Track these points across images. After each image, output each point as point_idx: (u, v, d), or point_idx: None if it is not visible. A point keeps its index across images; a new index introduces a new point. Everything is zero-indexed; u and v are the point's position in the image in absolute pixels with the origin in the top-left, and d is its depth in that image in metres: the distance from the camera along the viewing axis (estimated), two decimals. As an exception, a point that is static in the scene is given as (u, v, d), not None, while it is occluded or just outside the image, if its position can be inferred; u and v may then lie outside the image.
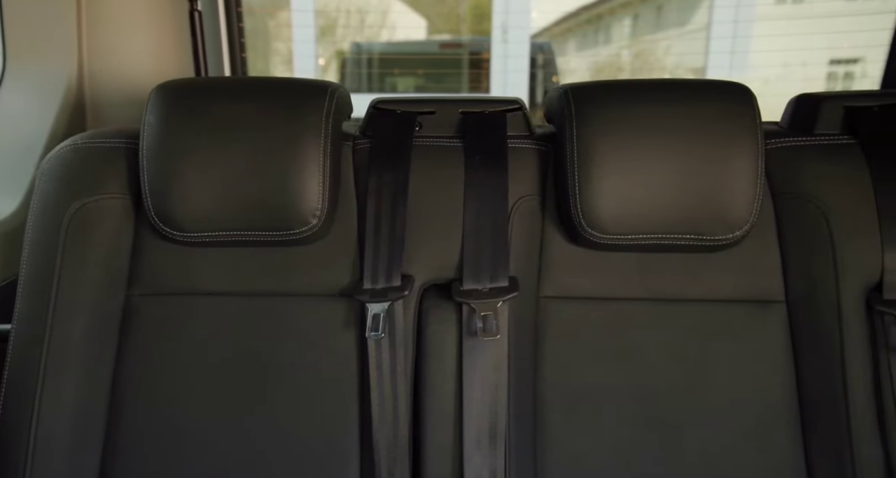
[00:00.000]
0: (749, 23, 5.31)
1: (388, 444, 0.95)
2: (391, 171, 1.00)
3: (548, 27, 8.79)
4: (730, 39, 5.28)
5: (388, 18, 7.16)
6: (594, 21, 8.08)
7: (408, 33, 7.20)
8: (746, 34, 5.33)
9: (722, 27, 5.35)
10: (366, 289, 0.96)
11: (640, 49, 7.00)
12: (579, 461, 1.00)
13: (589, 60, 7.97)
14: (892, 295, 0.95)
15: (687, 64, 6.20)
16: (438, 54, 5.21)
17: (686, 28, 6.53)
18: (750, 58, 5.64)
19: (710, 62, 5.61)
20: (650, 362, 1.01)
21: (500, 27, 4.98)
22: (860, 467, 0.94)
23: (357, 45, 5.18)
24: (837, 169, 1.00)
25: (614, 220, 0.97)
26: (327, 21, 7.04)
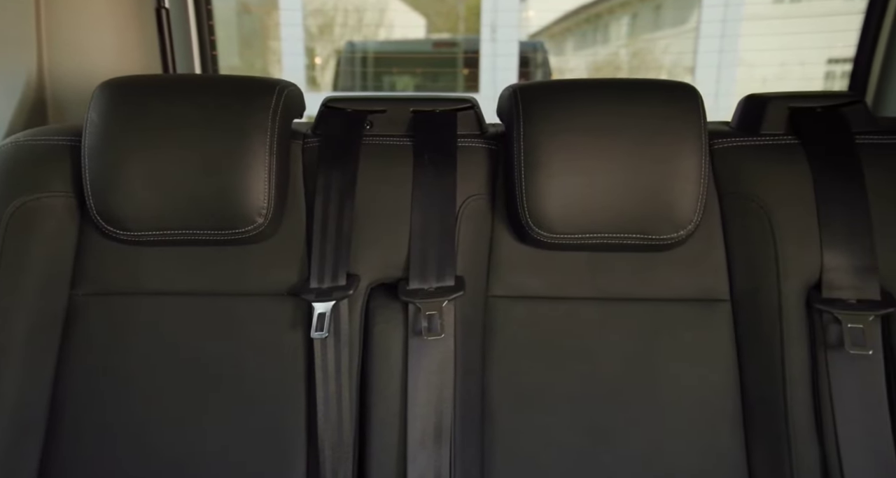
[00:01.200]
0: (737, 22, 5.30)
1: (332, 444, 0.95)
2: (339, 169, 1.00)
3: (547, 26, 8.77)
4: (718, 38, 5.26)
5: (387, 17, 7.16)
6: (593, 20, 8.06)
7: (405, 32, 7.19)
8: (735, 33, 5.32)
9: (711, 26, 5.34)
10: (312, 288, 0.96)
11: (637, 48, 6.98)
12: (526, 462, 1.00)
13: (588, 60, 7.95)
14: (830, 293, 0.95)
15: (685, 63, 6.18)
16: (432, 53, 5.21)
17: (684, 27, 6.51)
18: (741, 57, 5.62)
19: (699, 61, 5.60)
20: (598, 361, 1.02)
21: (489, 26, 4.97)
22: (797, 465, 0.94)
23: (351, 44, 5.18)
24: (780, 169, 1.01)
25: (561, 219, 0.97)
26: (325, 20, 7.04)
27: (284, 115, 0.98)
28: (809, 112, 1.03)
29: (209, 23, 1.60)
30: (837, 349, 0.94)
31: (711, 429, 0.99)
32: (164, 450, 0.97)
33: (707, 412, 0.99)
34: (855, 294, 0.94)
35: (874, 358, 0.93)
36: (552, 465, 1.00)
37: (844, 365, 0.94)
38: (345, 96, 1.08)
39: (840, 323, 0.93)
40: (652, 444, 0.99)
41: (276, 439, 0.97)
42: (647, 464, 0.99)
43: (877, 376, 0.93)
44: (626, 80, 1.02)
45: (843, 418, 0.93)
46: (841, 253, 0.96)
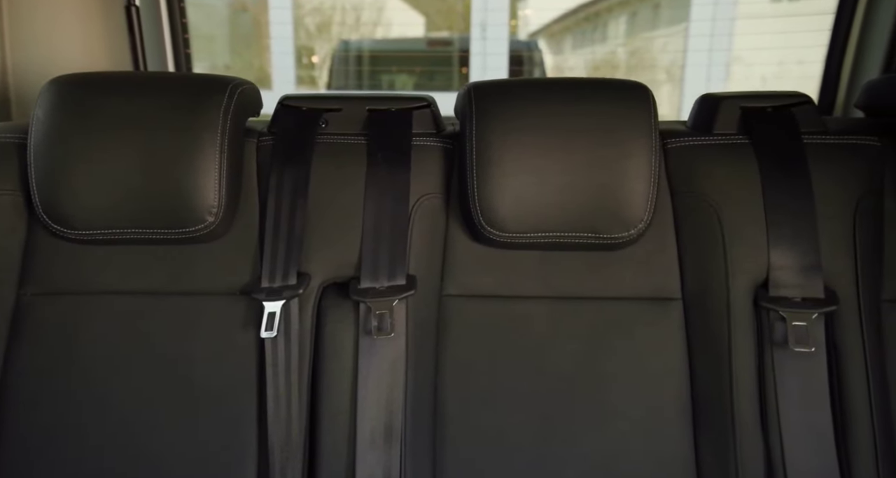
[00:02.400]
0: (727, 21, 5.28)
1: (281, 443, 0.95)
2: (292, 168, 1.01)
3: (547, 25, 8.77)
4: (708, 37, 5.25)
5: (385, 15, 7.16)
6: (592, 19, 8.05)
7: (403, 31, 7.20)
8: (725, 32, 5.30)
9: (700, 25, 5.33)
10: (263, 287, 0.97)
11: (635, 47, 6.97)
12: (478, 460, 1.00)
13: (586, 58, 7.94)
14: (777, 292, 0.95)
15: (681, 61, 6.16)
16: (426, 52, 5.20)
17: (682, 26, 6.50)
18: (739, 56, 5.60)
19: (689, 60, 5.59)
20: (550, 359, 1.02)
21: (479, 25, 4.97)
22: (742, 461, 0.95)
23: (344, 43, 5.18)
24: (731, 168, 1.01)
25: (512, 218, 0.97)
26: (323, 18, 7.05)
27: (237, 113, 0.98)
28: (760, 112, 1.03)
29: (182, 21, 1.60)
30: (782, 347, 0.94)
31: (661, 426, 0.99)
32: (114, 451, 0.97)
33: (657, 410, 1.00)
34: (800, 292, 0.95)
35: (817, 355, 0.94)
36: (503, 463, 1.00)
37: (789, 362, 0.94)
38: (301, 95, 1.08)
39: (785, 321, 0.93)
40: (602, 441, 1.00)
41: (227, 439, 0.98)
42: (597, 461, 0.99)
43: (819, 373, 0.94)
44: (579, 80, 1.03)
45: (787, 415, 0.93)
46: (787, 252, 0.96)
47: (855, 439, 0.94)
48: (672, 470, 0.99)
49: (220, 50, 7.11)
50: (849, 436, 0.94)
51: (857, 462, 0.93)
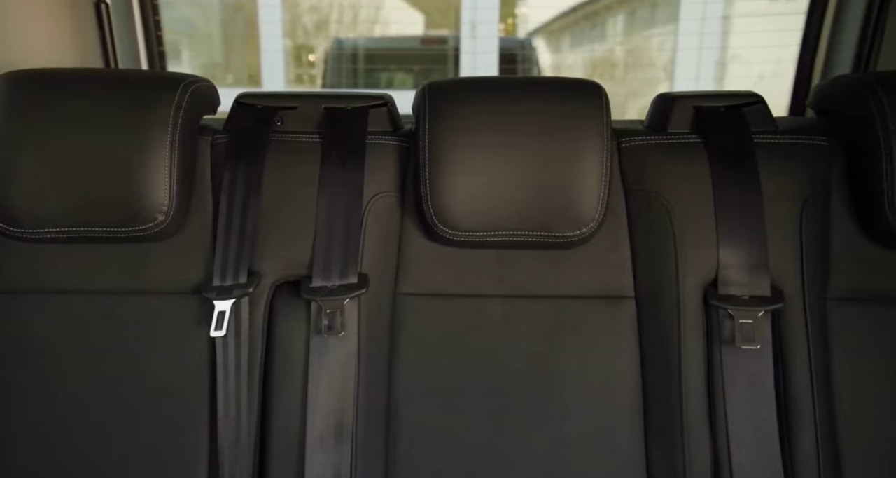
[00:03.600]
0: (716, 19, 5.28)
1: (230, 442, 0.96)
2: (245, 166, 1.01)
3: (547, 23, 8.76)
4: (698, 36, 5.25)
5: (382, 14, 7.16)
6: (591, 17, 8.04)
7: (401, 29, 7.19)
8: (715, 31, 5.30)
9: (690, 24, 5.32)
10: (214, 286, 0.97)
11: (634, 45, 6.96)
12: (431, 458, 1.01)
13: (585, 57, 7.94)
14: (726, 290, 0.96)
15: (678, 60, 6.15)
16: (421, 50, 5.20)
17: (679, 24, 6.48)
18: (737, 54, 5.60)
19: (679, 59, 5.58)
20: (503, 357, 1.02)
21: (469, 23, 4.97)
22: (690, 457, 0.95)
23: (338, 41, 5.18)
24: (683, 167, 1.01)
25: (465, 216, 0.97)
26: (320, 17, 7.05)
27: (190, 111, 0.98)
28: (713, 112, 1.03)
29: (155, 18, 1.61)
30: (730, 345, 0.95)
31: (613, 424, 1.00)
32: (66, 450, 0.97)
33: (610, 408, 1.00)
34: (747, 291, 0.95)
35: (763, 353, 0.95)
36: (456, 461, 1.00)
37: (736, 360, 0.95)
38: (258, 93, 1.08)
39: (733, 319, 0.94)
40: (555, 439, 1.00)
41: (178, 438, 0.98)
42: (549, 459, 1.00)
43: (765, 371, 0.94)
44: (534, 79, 1.03)
45: (734, 413, 0.94)
46: (735, 251, 0.97)
47: (798, 435, 0.94)
48: (622, 467, 0.99)
49: (219, 48, 7.13)
50: (792, 432, 0.95)
51: (799, 458, 0.94)
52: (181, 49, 7.29)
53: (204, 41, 7.19)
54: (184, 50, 7.27)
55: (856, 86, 0.98)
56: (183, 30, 7.18)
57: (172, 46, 7.47)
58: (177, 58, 7.34)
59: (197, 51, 7.29)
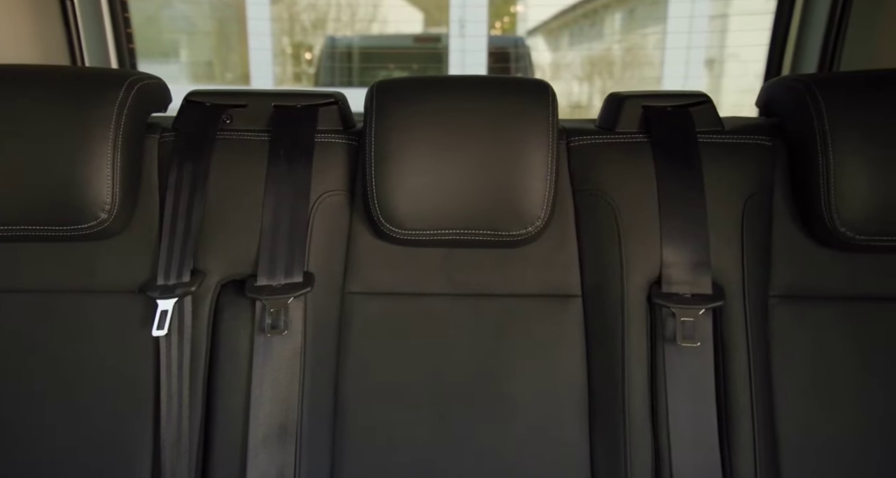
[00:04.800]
0: (704, 17, 5.26)
1: (172, 442, 0.96)
2: (191, 164, 1.01)
3: (546, 21, 8.72)
4: (686, 34, 5.23)
5: (381, 12, 7.13)
6: (590, 15, 8.01)
7: (399, 27, 7.17)
8: (702, 30, 5.28)
9: (678, 22, 5.31)
10: (158, 285, 0.97)
11: (632, 44, 6.93)
12: (378, 457, 1.01)
13: (583, 55, 7.91)
14: (669, 288, 0.97)
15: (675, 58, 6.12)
16: (414, 48, 5.19)
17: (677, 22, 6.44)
18: (735, 53, 5.57)
19: (667, 58, 5.57)
20: (451, 356, 1.02)
21: (458, 21, 4.96)
22: (632, 455, 0.96)
23: (331, 39, 5.17)
24: (629, 166, 1.01)
25: (411, 215, 0.98)
26: (318, 15, 7.04)
27: (135, 109, 0.98)
28: (661, 111, 1.04)
29: (125, 15, 1.61)
30: (672, 342, 0.95)
31: (559, 421, 1.00)
32: (9, 450, 0.98)
33: (555, 406, 1.01)
34: (689, 289, 0.96)
35: (704, 351, 0.95)
36: (403, 460, 1.01)
37: (678, 358, 0.95)
38: (208, 90, 1.08)
39: (675, 317, 0.94)
40: (501, 438, 1.00)
41: (122, 437, 0.98)
42: (495, 457, 1.00)
43: (706, 369, 0.95)
44: (482, 78, 1.03)
45: (675, 410, 0.95)
46: (678, 249, 0.97)
47: (737, 432, 0.95)
48: (568, 463, 1.00)
49: (217, 46, 7.12)
50: (731, 429, 0.95)
51: (737, 454, 0.95)
52: (180, 48, 7.29)
53: (203, 39, 7.19)
54: (183, 49, 7.28)
55: (795, 86, 0.98)
56: (182, 28, 7.19)
57: (172, 45, 7.49)
58: (176, 57, 7.36)
59: (196, 49, 7.29)
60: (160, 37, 6.82)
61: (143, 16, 6.96)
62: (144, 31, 6.99)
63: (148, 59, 6.87)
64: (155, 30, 6.82)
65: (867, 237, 0.94)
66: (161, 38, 6.84)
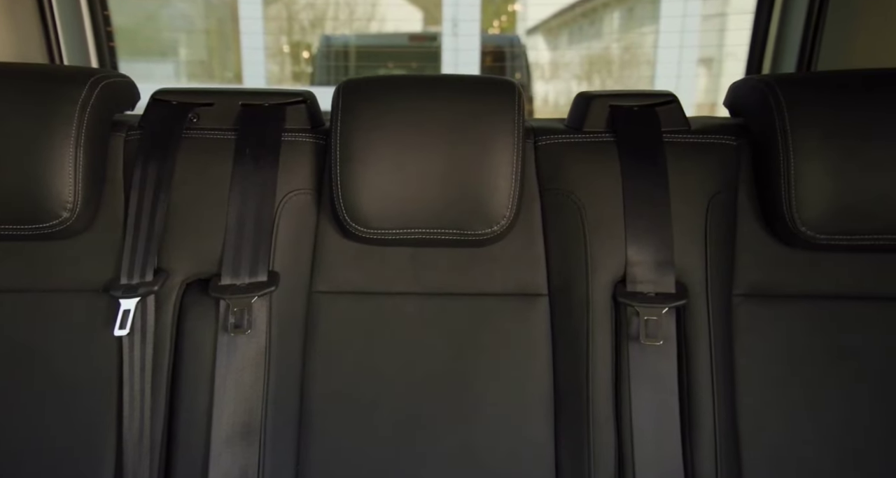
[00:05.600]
0: (695, 17, 5.25)
1: (134, 442, 0.95)
2: (156, 163, 1.00)
3: (545, 20, 8.73)
4: (679, 34, 5.23)
5: (379, 10, 7.14)
6: (589, 14, 8.01)
7: (398, 26, 7.18)
8: (694, 29, 5.27)
9: (671, 21, 5.30)
10: (122, 284, 0.97)
11: (630, 42, 6.93)
12: (343, 456, 1.00)
13: (582, 54, 7.91)
14: (633, 287, 0.97)
15: (673, 57, 6.11)
16: (409, 47, 5.19)
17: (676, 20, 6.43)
18: (733, 52, 5.56)
19: (659, 57, 5.56)
20: (418, 355, 1.02)
21: (451, 20, 4.96)
22: (594, 452, 0.96)
23: (326, 38, 5.17)
24: (596, 166, 1.01)
25: (376, 214, 0.97)
26: (316, 13, 7.05)
27: (99, 107, 0.97)
28: (627, 110, 1.03)
29: (104, 13, 1.61)
30: (636, 341, 0.95)
31: (525, 420, 1.00)
32: None
33: (522, 405, 1.01)
34: (653, 288, 0.96)
35: (667, 349, 0.95)
36: (369, 459, 1.00)
37: (641, 356, 0.95)
38: (175, 89, 1.08)
39: (639, 315, 0.94)
40: (468, 437, 1.00)
41: (86, 437, 0.98)
42: (461, 456, 1.00)
43: (669, 367, 0.95)
44: (449, 77, 1.03)
45: (638, 408, 0.95)
46: (642, 248, 0.97)
47: (698, 430, 0.95)
48: (532, 464, 0.99)
49: (216, 45, 7.14)
50: (693, 427, 0.95)
51: (699, 452, 0.95)
52: (179, 47, 7.31)
53: (202, 38, 7.20)
54: (182, 47, 7.29)
55: (759, 86, 0.98)
56: (181, 26, 7.20)
57: (171, 44, 7.50)
58: (175, 55, 7.37)
59: (194, 48, 7.30)
60: (158, 36, 6.83)
61: (142, 14, 6.99)
62: (144, 30, 7.01)
63: (146, 58, 6.90)
64: (153, 28, 6.83)
65: (827, 236, 0.94)
66: (159, 37, 6.85)
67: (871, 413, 0.97)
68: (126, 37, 6.25)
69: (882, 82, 0.92)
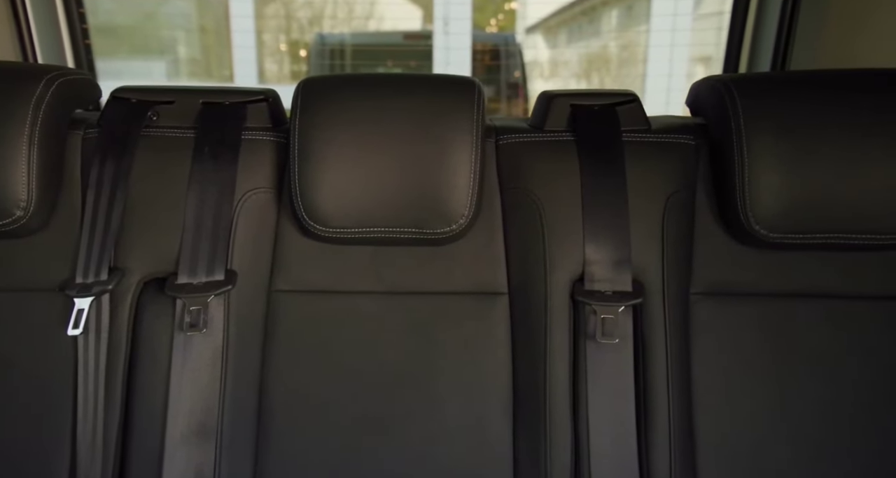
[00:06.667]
0: (686, 16, 5.22)
1: (88, 443, 0.95)
2: (113, 161, 1.00)
3: (544, 19, 8.70)
4: (669, 32, 5.20)
5: (378, 9, 7.11)
6: (588, 12, 7.98)
7: (397, 24, 7.15)
8: (686, 27, 5.25)
9: (662, 20, 5.27)
10: (77, 283, 0.97)
11: (628, 40, 6.90)
12: (302, 456, 1.00)
13: (580, 53, 7.88)
14: (591, 286, 0.97)
15: (672, 55, 6.08)
16: (403, 45, 5.17)
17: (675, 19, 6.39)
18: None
19: (651, 55, 5.54)
20: (378, 354, 1.02)
21: (442, 19, 4.94)
22: (551, 451, 0.97)
23: (320, 36, 5.16)
24: (556, 165, 1.01)
25: (335, 213, 0.97)
26: (314, 12, 7.03)
27: (55, 105, 0.97)
28: (588, 109, 1.03)
29: (80, 10, 1.60)
30: (593, 339, 0.95)
31: (484, 418, 1.00)
32: None
33: (481, 402, 1.01)
34: (611, 286, 0.96)
35: (623, 347, 0.96)
36: (328, 458, 1.00)
37: (599, 354, 0.96)
38: (136, 87, 1.08)
39: (597, 314, 0.94)
40: (427, 435, 1.00)
41: (41, 438, 0.98)
42: (421, 454, 1.00)
43: (626, 365, 0.96)
44: (410, 75, 1.03)
45: (595, 406, 0.95)
46: (600, 247, 0.97)
47: (654, 428, 0.96)
48: (491, 462, 1.00)
49: (214, 43, 7.13)
50: (649, 425, 0.96)
51: (654, 450, 0.95)
52: (178, 44, 7.30)
53: (200, 36, 7.19)
54: (180, 45, 7.29)
55: (716, 86, 0.98)
56: (180, 24, 7.19)
57: (170, 42, 7.49)
58: (173, 53, 7.36)
59: (193, 46, 7.29)
60: (152, 34, 6.83)
61: (140, 13, 6.98)
62: (143, 28, 7.00)
63: (145, 56, 6.89)
64: (151, 26, 6.83)
65: (780, 235, 0.94)
66: (154, 35, 6.85)
67: (825, 410, 0.98)
68: (118, 35, 6.26)
69: (835, 83, 0.93)
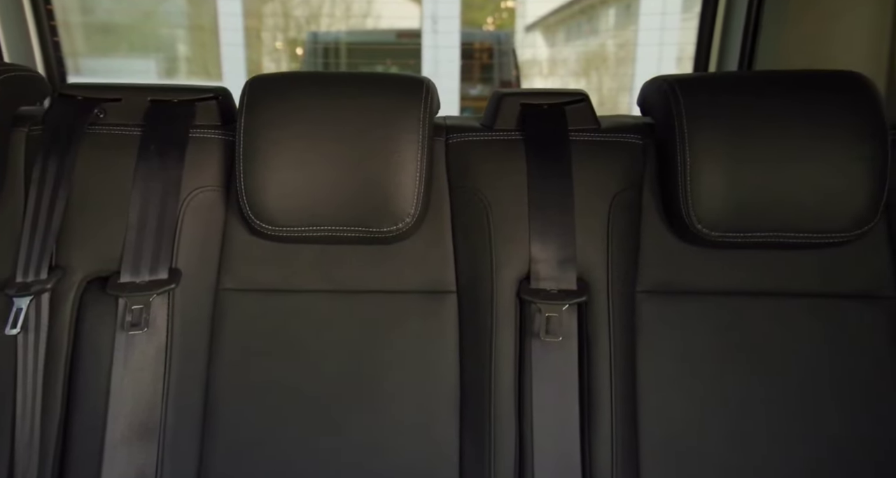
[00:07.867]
0: (676, 15, 5.22)
1: (24, 444, 0.94)
2: (57, 159, 0.99)
3: (543, 17, 8.69)
4: (658, 31, 5.20)
5: (375, 7, 7.11)
6: (587, 11, 7.97)
7: (395, 23, 7.15)
8: (674, 26, 5.24)
9: (650, 19, 5.27)
10: (17, 282, 0.96)
11: (626, 39, 6.89)
12: (248, 454, 1.00)
13: (578, 51, 7.88)
14: (537, 284, 0.96)
15: (670, 54, 6.07)
16: (396, 44, 5.17)
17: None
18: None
19: (639, 54, 5.53)
20: (326, 353, 1.02)
21: (430, 17, 4.94)
22: (496, 449, 0.96)
23: (313, 35, 5.16)
24: (504, 164, 1.01)
25: (281, 211, 0.97)
26: (311, 10, 7.03)
27: (2, 102, 0.97)
28: (537, 109, 1.02)
29: (47, 7, 1.59)
30: (537, 338, 0.95)
31: (431, 417, 1.00)
32: None
33: (428, 401, 1.00)
34: (556, 284, 0.96)
35: (568, 345, 0.95)
36: (274, 457, 1.00)
37: (543, 353, 0.95)
38: (82, 84, 1.07)
39: (541, 312, 0.94)
40: (373, 434, 1.00)
41: None
42: (367, 454, 1.00)
43: (570, 363, 0.95)
44: (360, 74, 1.02)
45: (539, 405, 0.95)
46: (546, 246, 0.97)
47: (596, 426, 0.95)
48: (437, 460, 0.99)
49: (212, 42, 7.14)
50: (592, 423, 0.95)
51: (597, 448, 0.95)
52: (176, 42, 7.31)
53: (198, 34, 7.20)
54: (179, 43, 7.30)
55: (662, 86, 0.98)
56: (178, 23, 7.21)
57: (168, 40, 7.51)
58: (172, 52, 7.38)
59: (191, 44, 7.31)
60: (145, 33, 6.84)
61: (139, 12, 6.99)
62: (142, 27, 7.02)
63: (142, 55, 6.90)
64: (146, 25, 6.84)
65: (721, 233, 0.94)
66: (147, 34, 6.86)
67: (769, 408, 0.98)
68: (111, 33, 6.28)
69: (776, 83, 0.92)
